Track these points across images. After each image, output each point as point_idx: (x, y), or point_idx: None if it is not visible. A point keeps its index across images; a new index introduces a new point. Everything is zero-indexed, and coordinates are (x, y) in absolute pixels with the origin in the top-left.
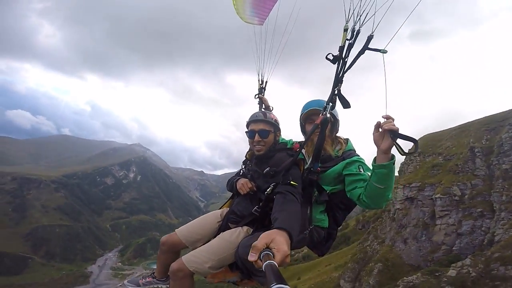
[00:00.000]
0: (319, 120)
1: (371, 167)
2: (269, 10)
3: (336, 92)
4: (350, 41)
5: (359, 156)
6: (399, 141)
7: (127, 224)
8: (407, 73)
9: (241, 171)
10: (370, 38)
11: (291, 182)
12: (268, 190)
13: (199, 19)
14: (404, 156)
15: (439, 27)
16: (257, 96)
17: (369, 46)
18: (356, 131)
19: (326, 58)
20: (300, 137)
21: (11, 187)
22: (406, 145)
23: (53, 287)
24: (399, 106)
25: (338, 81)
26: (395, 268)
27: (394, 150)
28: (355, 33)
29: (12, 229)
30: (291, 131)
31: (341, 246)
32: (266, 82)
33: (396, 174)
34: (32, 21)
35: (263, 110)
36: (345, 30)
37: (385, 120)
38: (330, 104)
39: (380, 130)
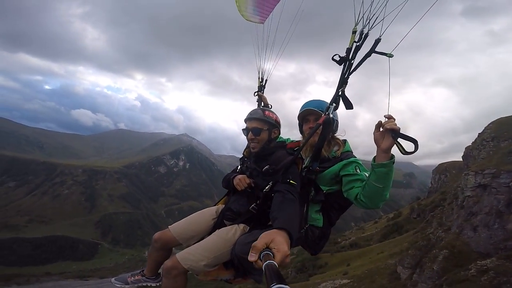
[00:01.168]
0: (322, 119)
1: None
2: (271, 9)
3: (340, 93)
4: (358, 44)
5: (356, 157)
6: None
7: (179, 210)
8: (467, 52)
9: (238, 169)
10: (377, 41)
11: (290, 181)
12: (266, 187)
13: (230, 9)
14: (404, 155)
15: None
16: (256, 93)
17: (376, 50)
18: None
19: (333, 59)
20: (298, 136)
21: (83, 178)
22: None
23: (118, 272)
24: (460, 87)
25: (343, 82)
26: (462, 255)
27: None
28: (363, 36)
29: (85, 217)
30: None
31: (393, 235)
32: (266, 80)
33: (458, 159)
34: (76, 26)
35: (261, 107)
36: (354, 32)
37: (387, 119)
38: (334, 104)
39: (381, 129)
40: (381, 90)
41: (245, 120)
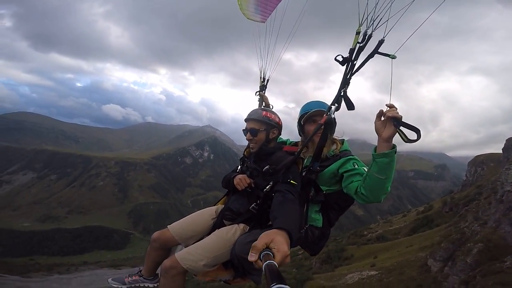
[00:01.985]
0: (324, 120)
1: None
2: (273, 8)
3: (342, 93)
4: (361, 44)
5: (354, 156)
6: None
7: (204, 200)
8: (505, 40)
9: (238, 169)
10: (381, 42)
11: (291, 181)
12: (267, 187)
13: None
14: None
15: None
16: (257, 93)
17: (379, 51)
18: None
19: (335, 59)
20: (296, 137)
21: (115, 170)
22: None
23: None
24: (499, 75)
25: (345, 82)
26: (498, 249)
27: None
28: (366, 37)
29: (118, 207)
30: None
31: (423, 228)
32: (268, 80)
33: (495, 151)
34: (100, 25)
35: (261, 108)
36: (357, 33)
37: (388, 108)
38: (336, 105)
39: (383, 118)
40: (410, 78)
41: (245, 120)
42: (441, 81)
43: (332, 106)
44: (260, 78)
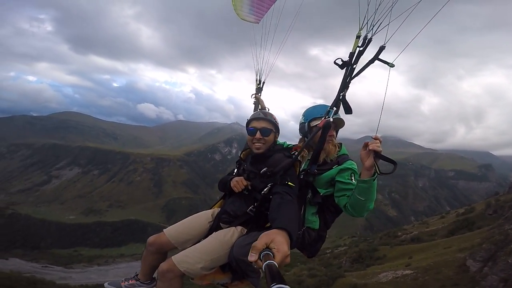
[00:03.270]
0: (322, 123)
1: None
2: (267, 9)
3: (341, 97)
4: (361, 49)
5: (352, 162)
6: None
7: None
8: None
9: (235, 171)
10: (381, 48)
11: (289, 183)
12: (265, 190)
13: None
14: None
15: None
16: (253, 96)
17: (379, 57)
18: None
19: (335, 62)
20: (291, 140)
21: (151, 166)
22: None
23: None
24: None
25: (344, 86)
26: None
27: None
28: (366, 41)
29: (153, 202)
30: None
31: (462, 231)
32: (264, 82)
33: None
34: (132, 26)
35: (264, 110)
36: (358, 37)
37: (373, 140)
38: (334, 108)
39: (367, 149)
40: (449, 71)
41: (251, 120)
42: (485, 75)
43: (330, 109)
44: (256, 80)
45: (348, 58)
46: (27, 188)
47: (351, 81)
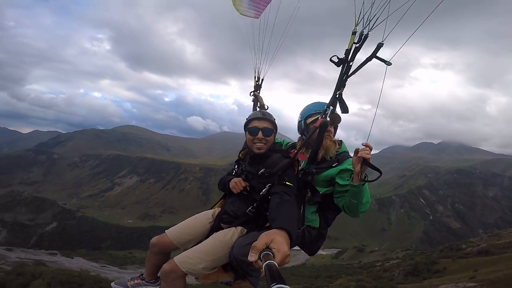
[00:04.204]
0: (319, 122)
1: None
2: (267, 3)
3: (337, 95)
4: (357, 45)
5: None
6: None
7: None
8: None
9: (234, 171)
10: (379, 46)
11: (287, 183)
12: (264, 190)
13: (306, 5)
14: None
15: None
16: (252, 93)
17: (377, 55)
18: None
19: (331, 60)
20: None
21: (200, 175)
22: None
23: None
24: None
25: (341, 84)
26: None
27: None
28: (363, 37)
29: (201, 209)
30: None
31: None
32: (262, 79)
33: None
34: (177, 43)
35: (262, 110)
36: (353, 33)
37: (363, 147)
38: (331, 107)
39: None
40: None
41: (252, 120)
42: None
43: (327, 108)
44: (255, 77)
45: (344, 55)
46: (94, 194)
47: (347, 79)
